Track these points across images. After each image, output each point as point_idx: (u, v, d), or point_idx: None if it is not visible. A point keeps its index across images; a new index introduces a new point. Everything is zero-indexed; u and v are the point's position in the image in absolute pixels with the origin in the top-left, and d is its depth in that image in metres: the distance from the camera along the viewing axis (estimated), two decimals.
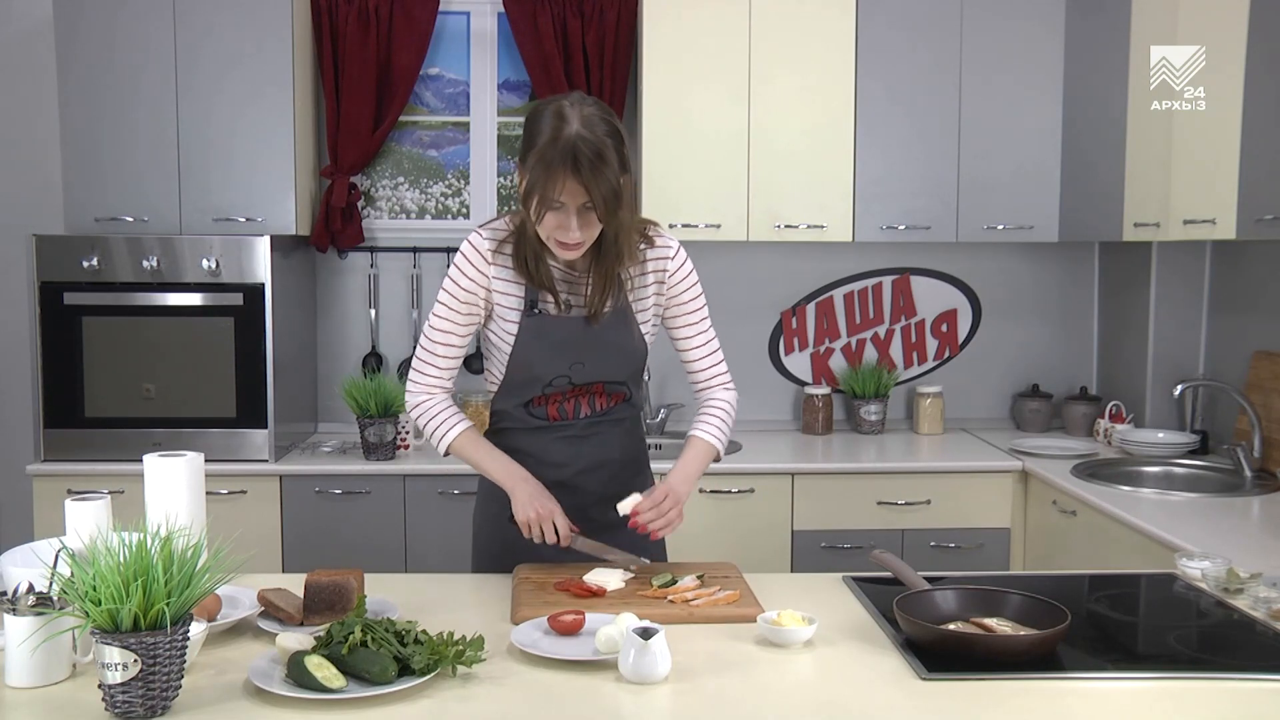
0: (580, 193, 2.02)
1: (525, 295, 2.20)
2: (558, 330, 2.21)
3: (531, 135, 2.07)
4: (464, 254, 2.21)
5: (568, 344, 2.21)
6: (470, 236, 2.23)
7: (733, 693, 1.70)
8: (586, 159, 1.99)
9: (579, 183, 2.00)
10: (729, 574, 2.22)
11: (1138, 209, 3.54)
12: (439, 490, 3.66)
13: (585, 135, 2.00)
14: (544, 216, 2.06)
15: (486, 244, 2.21)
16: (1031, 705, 1.66)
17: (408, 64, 4.02)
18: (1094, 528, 3.15)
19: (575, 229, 2.05)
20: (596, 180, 2.00)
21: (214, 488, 3.21)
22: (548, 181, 2.02)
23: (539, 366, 2.23)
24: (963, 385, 4.35)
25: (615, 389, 2.31)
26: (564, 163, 1.99)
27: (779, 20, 3.86)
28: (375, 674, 1.63)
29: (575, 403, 2.29)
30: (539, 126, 2.05)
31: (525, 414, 2.29)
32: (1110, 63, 3.67)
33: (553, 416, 2.30)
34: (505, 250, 2.20)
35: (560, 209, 2.04)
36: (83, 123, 3.70)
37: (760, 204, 3.90)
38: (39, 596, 1.70)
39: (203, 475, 2.11)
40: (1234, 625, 2.02)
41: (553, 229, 2.07)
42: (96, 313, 3.62)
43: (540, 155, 2.02)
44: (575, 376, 2.25)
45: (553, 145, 2.00)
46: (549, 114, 2.05)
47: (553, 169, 2.01)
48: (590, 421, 2.30)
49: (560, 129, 2.01)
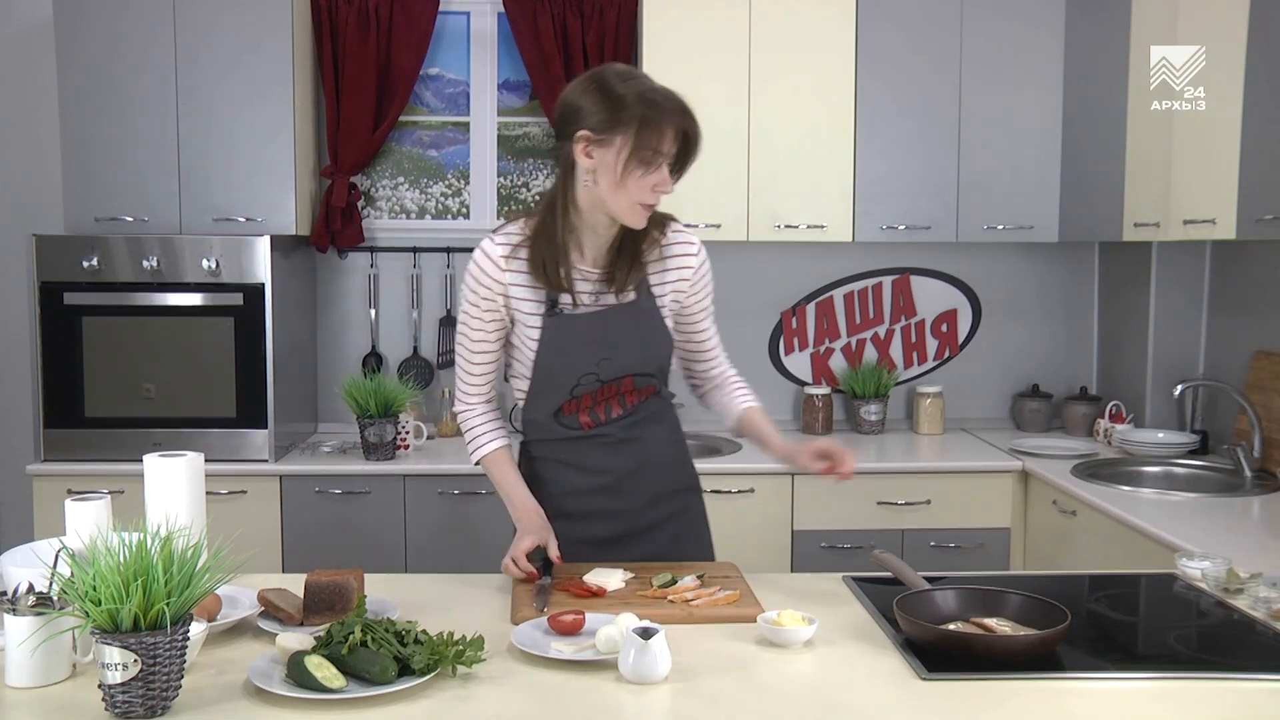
0: (679, 140, 2.07)
1: (545, 297, 2.20)
2: (581, 326, 2.20)
3: (615, 99, 2.05)
4: (476, 262, 2.20)
5: (592, 339, 2.20)
6: (482, 243, 2.22)
7: (733, 693, 1.70)
8: (687, 104, 2.07)
9: (684, 129, 2.06)
10: (729, 574, 2.22)
11: (1138, 209, 3.54)
12: (439, 490, 3.66)
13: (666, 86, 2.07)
14: (643, 177, 2.07)
15: (499, 249, 2.19)
16: (1031, 705, 1.66)
17: (408, 64, 4.02)
18: (1094, 528, 3.15)
19: (669, 180, 2.09)
20: (695, 123, 2.08)
21: (214, 488, 3.21)
22: (661, 134, 2.04)
23: (565, 366, 2.22)
24: (963, 385, 4.34)
25: (644, 382, 2.29)
26: (674, 112, 2.05)
27: (779, 20, 3.86)
28: (375, 674, 1.63)
29: (606, 405, 2.27)
30: (621, 88, 2.06)
31: (558, 425, 2.28)
32: (1110, 63, 3.67)
33: (586, 424, 2.28)
34: (520, 255, 2.19)
35: (656, 165, 2.06)
36: (83, 123, 3.70)
37: (760, 204, 3.90)
38: (39, 596, 1.69)
39: (203, 475, 2.11)
40: (1234, 625, 2.02)
41: (648, 190, 2.08)
42: (96, 313, 3.62)
43: (642, 111, 2.03)
44: (603, 372, 2.23)
45: (655, 99, 2.04)
46: (625, 76, 2.09)
47: (666, 120, 2.04)
48: (625, 424, 2.28)
49: (645, 83, 2.07)
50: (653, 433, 2.32)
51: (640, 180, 2.06)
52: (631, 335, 2.23)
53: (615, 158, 2.06)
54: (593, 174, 2.10)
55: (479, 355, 2.27)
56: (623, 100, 2.04)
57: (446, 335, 4.24)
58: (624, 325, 2.22)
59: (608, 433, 2.28)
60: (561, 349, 2.21)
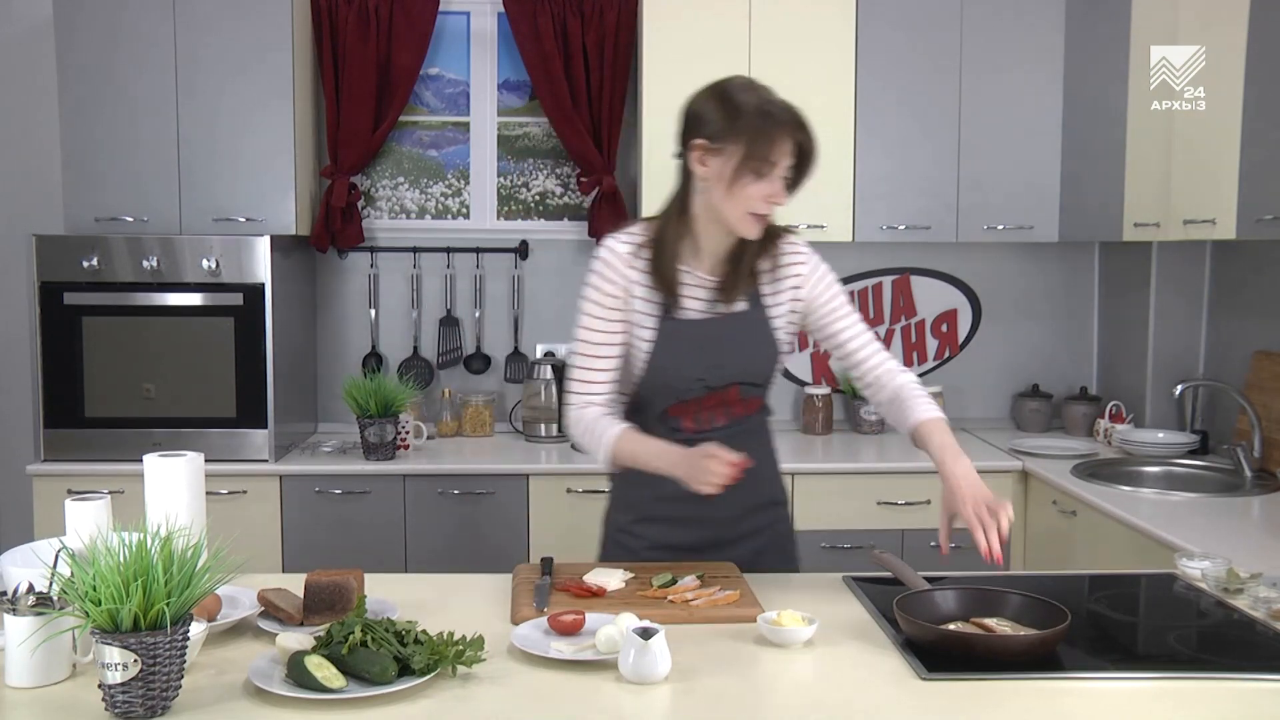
0: (794, 153, 2.08)
1: (660, 300, 2.19)
2: (695, 332, 2.20)
3: (733, 108, 2.07)
4: (604, 259, 2.20)
5: (705, 346, 2.20)
6: (607, 242, 2.22)
7: (733, 693, 1.70)
8: (802, 117, 2.08)
9: (798, 141, 2.07)
10: (729, 574, 2.22)
11: (1138, 209, 3.54)
12: (439, 490, 3.67)
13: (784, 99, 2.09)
14: (754, 187, 2.07)
15: (624, 247, 2.20)
16: (1031, 705, 1.66)
17: (408, 64, 4.02)
18: (1094, 528, 3.15)
19: (783, 192, 2.10)
20: (812, 136, 2.09)
21: (214, 488, 3.21)
22: (773, 145, 2.05)
23: (675, 371, 2.21)
24: (963, 385, 4.34)
25: (751, 393, 2.28)
26: (788, 124, 2.06)
27: (779, 20, 3.86)
28: (375, 674, 1.63)
29: (711, 413, 2.26)
30: (740, 98, 2.08)
31: (661, 427, 2.25)
32: (1110, 63, 3.67)
33: (689, 429, 2.26)
34: (642, 255, 2.19)
35: (768, 175, 2.07)
36: (83, 122, 3.70)
37: None
38: (39, 596, 1.69)
39: (203, 475, 2.11)
40: (1234, 625, 2.02)
41: (759, 200, 2.09)
42: (96, 313, 3.62)
43: (756, 122, 2.05)
44: (711, 380, 2.22)
45: (770, 109, 2.06)
46: (745, 86, 2.11)
47: (779, 132, 2.05)
48: (728, 433, 2.26)
49: (767, 94, 2.09)
50: (750, 445, 2.26)
51: (752, 190, 2.07)
52: (741, 344, 2.22)
53: (728, 166, 2.07)
54: (707, 182, 2.12)
55: (606, 351, 2.21)
56: (739, 110, 2.07)
57: (446, 335, 4.24)
58: (734, 334, 2.21)
59: (705, 437, 2.24)
60: (673, 353, 2.20)
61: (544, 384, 4.06)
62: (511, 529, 3.66)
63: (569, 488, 3.67)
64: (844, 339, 2.28)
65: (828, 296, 2.27)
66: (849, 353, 2.29)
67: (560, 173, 4.27)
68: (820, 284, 2.27)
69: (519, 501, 3.67)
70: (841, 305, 2.28)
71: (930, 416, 2.18)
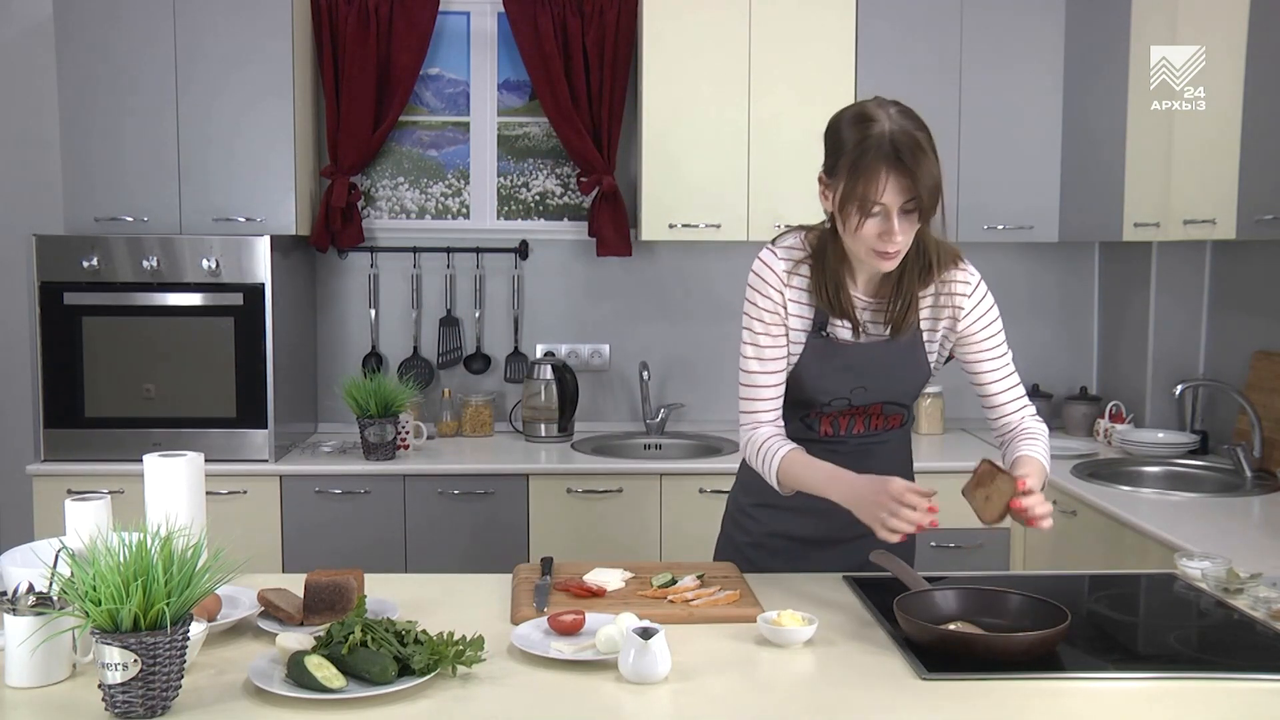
0: (902, 190, 1.95)
1: (814, 316, 2.15)
2: (845, 355, 2.16)
3: (838, 142, 2.01)
4: (761, 275, 2.15)
5: (853, 368, 2.17)
6: (763, 255, 2.17)
7: (733, 693, 1.70)
8: (906, 151, 1.93)
9: (902, 178, 1.94)
10: (729, 574, 2.22)
11: (1138, 209, 3.54)
12: (439, 490, 3.67)
13: (900, 128, 1.95)
14: (863, 225, 1.98)
15: (782, 264, 2.14)
16: (1031, 705, 1.66)
17: (408, 64, 4.02)
18: (1094, 528, 3.15)
19: (898, 232, 1.97)
20: (919, 172, 1.94)
21: (214, 488, 3.21)
22: (869, 182, 1.94)
23: (821, 388, 2.18)
24: (963, 385, 4.29)
25: (893, 410, 2.25)
26: (884, 159, 1.93)
27: (779, 20, 3.86)
28: (375, 674, 1.63)
29: (850, 420, 2.24)
30: (845, 132, 1.99)
31: (799, 424, 2.22)
32: (1110, 62, 3.67)
33: (825, 432, 2.24)
34: (801, 272, 2.14)
35: (880, 213, 1.97)
36: (82, 123, 3.70)
37: (760, 204, 3.90)
38: (39, 596, 1.69)
39: (203, 475, 2.11)
40: (1234, 625, 2.02)
41: (874, 238, 1.99)
42: (96, 313, 3.62)
43: (855, 157, 1.95)
44: (855, 399, 2.20)
45: (868, 144, 1.94)
46: (853, 117, 2.01)
47: (873, 168, 1.93)
48: (865, 440, 2.25)
49: (870, 127, 1.96)
50: (886, 451, 2.27)
51: (862, 228, 1.98)
52: (892, 369, 2.19)
53: (836, 202, 2.02)
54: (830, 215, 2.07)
55: (771, 368, 2.15)
56: (841, 144, 1.99)
57: (446, 335, 4.24)
58: (886, 358, 2.17)
59: (843, 441, 2.24)
60: (821, 372, 2.17)
61: (544, 384, 4.06)
62: (511, 529, 3.66)
63: (569, 488, 3.67)
64: (987, 380, 2.22)
65: (984, 334, 2.20)
66: (989, 394, 2.24)
67: (560, 173, 4.27)
68: (979, 320, 2.19)
69: (519, 501, 3.67)
70: (994, 344, 2.22)
71: (1028, 454, 2.13)
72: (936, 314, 2.19)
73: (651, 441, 4.15)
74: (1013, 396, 2.24)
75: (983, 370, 2.23)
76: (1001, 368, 2.23)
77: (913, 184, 1.95)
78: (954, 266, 2.18)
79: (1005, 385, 2.23)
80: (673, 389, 4.28)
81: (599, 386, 4.29)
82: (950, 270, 2.17)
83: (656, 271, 4.26)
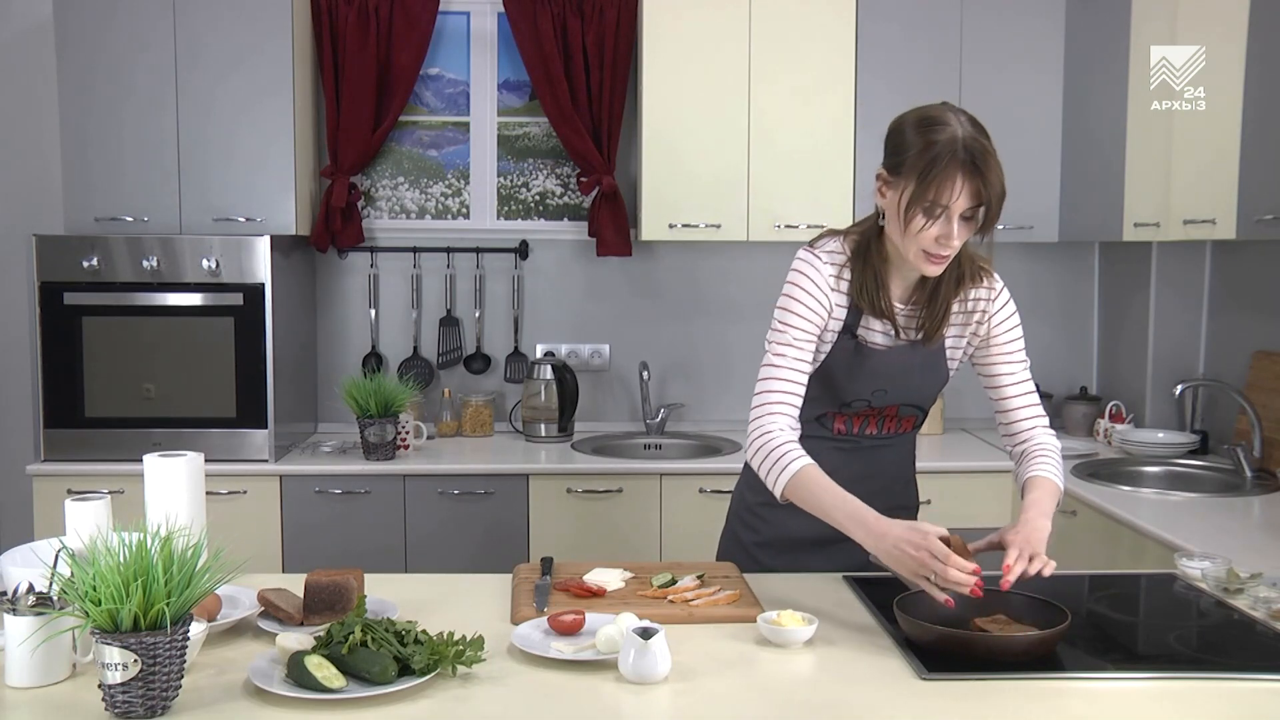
0: (973, 195, 1.97)
1: (845, 318, 2.17)
2: (872, 358, 2.17)
3: (904, 144, 2.00)
4: (807, 276, 2.14)
5: (878, 371, 2.18)
6: (807, 258, 2.16)
7: (733, 693, 1.70)
8: (980, 157, 1.96)
9: (973, 184, 1.96)
10: (729, 574, 2.22)
11: (1138, 209, 3.54)
12: (439, 490, 3.67)
13: (972, 136, 1.97)
14: (927, 227, 1.99)
15: (829, 269, 2.14)
16: (1031, 705, 1.66)
17: (408, 64, 4.02)
18: (1094, 528, 3.15)
19: (956, 237, 1.99)
20: (991, 178, 1.97)
21: (214, 488, 3.21)
22: (942, 186, 1.95)
23: (844, 389, 2.19)
24: (962, 385, 4.30)
25: (909, 413, 2.27)
26: (959, 164, 1.94)
27: (779, 20, 3.86)
28: (375, 674, 1.63)
29: (865, 420, 2.26)
30: (914, 134, 1.99)
31: (813, 423, 2.22)
32: (1110, 62, 3.67)
33: (839, 430, 2.26)
34: (845, 276, 2.15)
35: (942, 217, 1.98)
36: (83, 123, 3.70)
37: (760, 204, 3.90)
38: (39, 596, 1.69)
39: (203, 475, 2.11)
40: (1234, 625, 2.02)
41: (931, 240, 2.00)
42: (96, 313, 3.62)
43: (928, 160, 1.95)
44: (875, 400, 2.22)
45: (941, 148, 1.95)
46: (923, 120, 2.00)
47: (948, 172, 1.94)
48: (876, 441, 2.26)
49: (942, 131, 1.96)
50: (891, 450, 2.28)
51: (923, 229, 1.99)
52: (913, 374, 2.21)
53: (899, 202, 2.01)
54: (885, 213, 2.08)
55: (801, 367, 2.14)
56: (909, 144, 1.99)
57: (446, 335, 4.24)
58: (911, 363, 2.20)
59: (855, 440, 2.26)
60: (846, 372, 2.18)
61: (544, 384, 4.06)
62: (511, 529, 3.66)
63: (569, 488, 3.67)
64: (1005, 389, 2.24)
65: (1004, 340, 2.22)
66: (1003, 399, 2.25)
67: (560, 173, 4.27)
68: (1001, 326, 2.22)
69: (519, 501, 3.67)
70: (1012, 350, 2.23)
71: (1041, 475, 2.14)
72: (965, 321, 2.22)
73: (651, 441, 4.15)
74: (1028, 404, 2.25)
75: (1001, 378, 2.24)
76: (1020, 378, 2.25)
77: (984, 190, 1.97)
78: (984, 275, 2.21)
79: (1022, 395, 2.25)
80: (673, 389, 4.28)
81: (599, 386, 4.29)
82: (980, 279, 2.21)
83: (656, 271, 4.26)
